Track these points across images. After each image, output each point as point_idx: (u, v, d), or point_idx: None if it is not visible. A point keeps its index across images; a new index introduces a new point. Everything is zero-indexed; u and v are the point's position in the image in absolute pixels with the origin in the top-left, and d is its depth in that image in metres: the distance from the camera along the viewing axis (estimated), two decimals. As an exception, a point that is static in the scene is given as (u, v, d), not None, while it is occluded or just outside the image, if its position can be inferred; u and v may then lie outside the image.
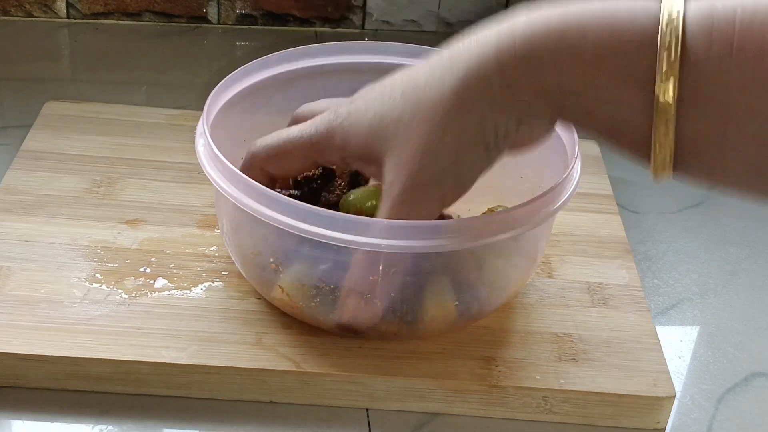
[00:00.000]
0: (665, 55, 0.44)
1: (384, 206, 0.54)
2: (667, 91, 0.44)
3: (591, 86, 0.47)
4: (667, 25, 0.44)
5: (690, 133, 0.45)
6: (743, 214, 0.81)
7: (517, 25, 0.49)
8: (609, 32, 0.46)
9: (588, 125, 0.49)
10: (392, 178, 0.53)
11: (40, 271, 0.65)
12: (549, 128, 0.52)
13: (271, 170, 0.60)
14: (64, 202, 0.72)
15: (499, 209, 0.64)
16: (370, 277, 0.57)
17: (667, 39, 0.44)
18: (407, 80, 0.53)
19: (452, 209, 0.60)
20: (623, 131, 0.47)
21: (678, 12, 0.44)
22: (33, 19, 0.99)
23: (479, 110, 0.50)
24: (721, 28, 0.43)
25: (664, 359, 0.63)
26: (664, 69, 0.44)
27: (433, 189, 0.53)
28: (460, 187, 0.53)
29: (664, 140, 0.45)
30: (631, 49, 0.45)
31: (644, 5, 0.46)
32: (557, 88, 0.48)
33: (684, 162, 0.46)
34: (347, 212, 0.59)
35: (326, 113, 0.57)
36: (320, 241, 0.55)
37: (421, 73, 0.52)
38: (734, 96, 0.43)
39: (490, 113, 0.50)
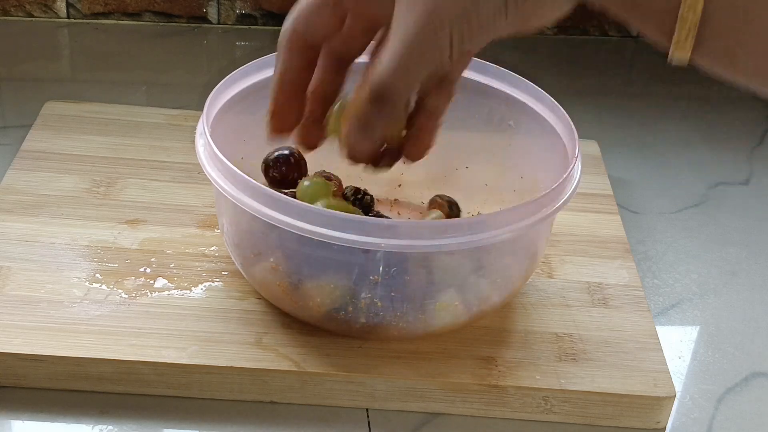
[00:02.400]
0: None
1: (393, 45, 0.49)
2: None
3: None
4: None
5: (715, 7, 0.43)
6: (743, 214, 0.81)
7: None
8: None
9: None
10: (403, 14, 0.48)
11: (41, 271, 0.65)
12: (568, 2, 0.48)
13: (302, 33, 0.54)
14: (64, 202, 0.72)
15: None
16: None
17: None
18: None
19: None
20: (647, 3, 0.44)
21: None
22: (33, 19, 0.99)
23: None
24: None
25: (664, 359, 0.63)
26: None
27: (445, 31, 0.47)
28: (468, 41, 0.48)
29: (690, 11, 0.43)
30: None
31: None
32: None
33: (705, 41, 0.44)
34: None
35: None
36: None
37: None
38: None
39: None
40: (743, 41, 0.43)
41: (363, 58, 0.56)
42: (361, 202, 0.66)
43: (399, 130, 0.55)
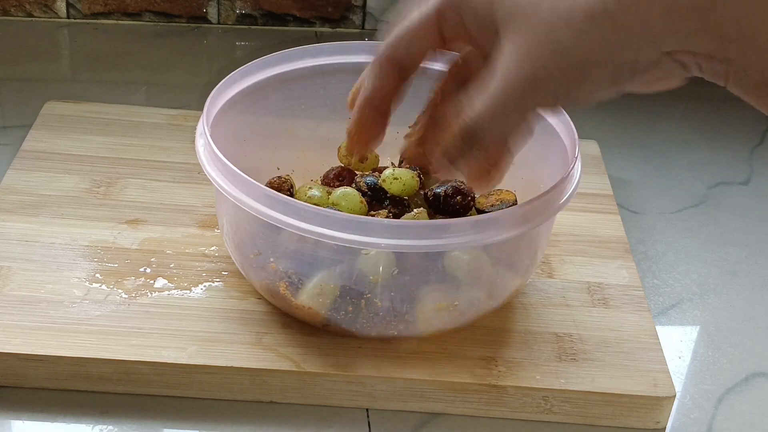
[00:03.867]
0: None
1: (494, 89, 0.47)
2: None
3: (751, 26, 0.41)
4: None
5: None
6: (743, 214, 0.81)
7: None
8: None
9: (740, 75, 0.43)
10: (508, 60, 0.46)
11: (41, 271, 0.65)
12: (685, 74, 0.46)
13: (401, 54, 0.53)
14: (64, 202, 0.72)
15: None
16: None
17: None
18: None
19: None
20: None
21: None
22: (33, 19, 0.99)
23: (630, 28, 0.43)
24: None
25: (665, 359, 0.63)
26: None
27: (549, 90, 0.45)
28: (569, 103, 0.47)
29: None
30: None
31: None
32: (725, 21, 0.41)
33: None
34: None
35: None
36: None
37: None
38: None
39: (636, 37, 0.43)
40: None
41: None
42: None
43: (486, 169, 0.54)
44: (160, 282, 0.65)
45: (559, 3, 0.44)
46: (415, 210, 0.62)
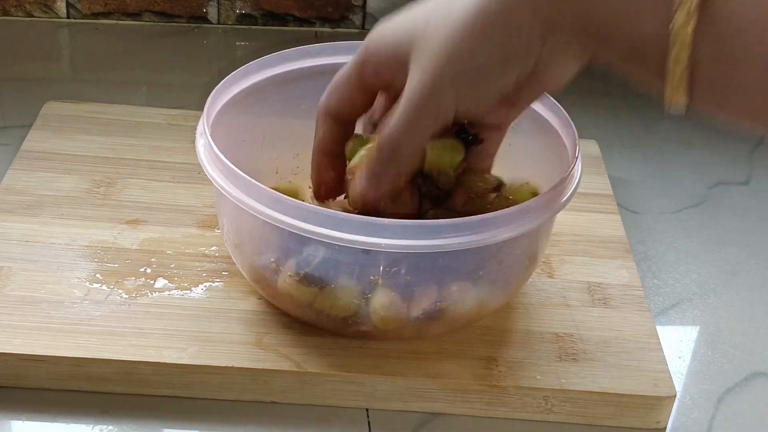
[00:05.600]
0: None
1: (402, 104, 0.53)
2: (682, 16, 0.44)
3: (614, 9, 0.47)
4: None
5: (705, 57, 0.45)
6: (743, 214, 0.81)
7: None
8: None
9: (610, 50, 0.49)
10: (411, 76, 0.53)
11: (41, 272, 0.65)
12: (572, 62, 0.51)
13: (335, 110, 0.60)
14: (64, 203, 0.72)
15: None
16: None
17: None
18: None
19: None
20: (642, 56, 0.47)
21: None
22: (33, 19, 0.99)
23: (500, 19, 0.49)
24: None
25: (665, 359, 0.63)
26: None
27: (448, 89, 0.52)
28: (474, 94, 0.52)
29: (678, 64, 0.45)
30: None
31: None
32: (582, 5, 0.48)
33: (698, 87, 0.46)
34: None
35: None
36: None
37: None
38: (748, 18, 0.43)
39: (512, 23, 0.49)
40: (736, 85, 0.45)
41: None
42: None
43: (404, 182, 0.58)
44: (161, 282, 0.65)
45: (447, 25, 0.51)
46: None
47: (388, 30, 0.55)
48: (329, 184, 0.62)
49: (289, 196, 0.57)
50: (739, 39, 0.44)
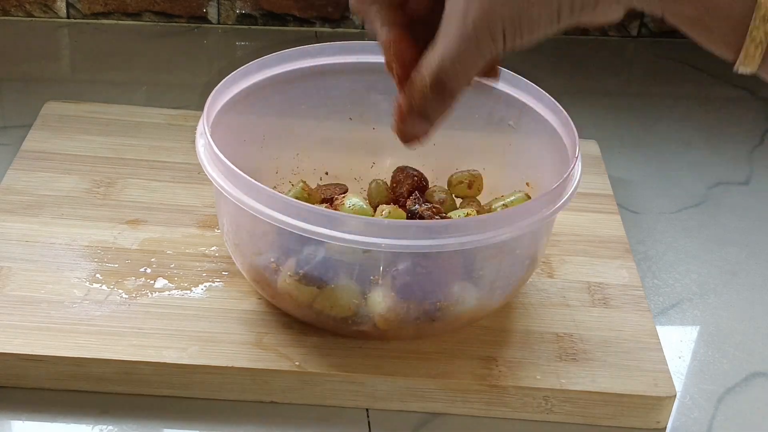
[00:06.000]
0: None
1: (449, 38, 0.50)
2: None
3: None
4: None
5: None
6: (743, 214, 0.81)
7: None
8: None
9: (679, 6, 0.47)
10: (461, 5, 0.50)
11: (41, 272, 0.65)
12: (624, 9, 0.49)
13: None
14: (64, 203, 0.72)
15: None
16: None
17: None
18: None
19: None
20: (717, 18, 0.46)
21: None
22: (33, 19, 0.99)
23: None
24: None
25: (665, 359, 0.63)
26: None
27: (499, 25, 0.49)
28: (522, 37, 0.50)
29: (760, 30, 0.45)
30: None
31: None
32: None
33: None
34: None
35: None
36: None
37: None
38: None
39: None
40: None
41: None
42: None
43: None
44: (161, 282, 0.65)
45: None
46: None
47: None
48: (407, 61, 0.55)
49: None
50: None
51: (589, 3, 0.48)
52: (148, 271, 0.66)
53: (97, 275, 0.66)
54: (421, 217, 0.63)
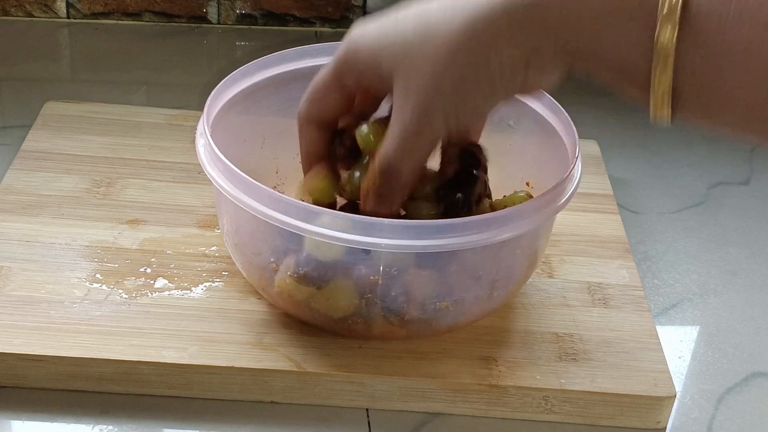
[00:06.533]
0: None
1: (395, 131, 0.55)
2: (666, 32, 0.45)
3: (596, 26, 0.48)
4: None
5: (688, 73, 0.46)
6: (743, 214, 0.81)
7: None
8: None
9: (593, 68, 0.50)
10: (401, 102, 0.54)
11: (41, 272, 0.65)
12: (557, 74, 0.53)
13: (316, 115, 0.60)
14: (64, 203, 0.72)
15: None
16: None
17: None
18: (418, 16, 0.54)
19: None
20: (627, 74, 0.48)
21: None
22: (33, 19, 0.99)
23: (485, 50, 0.51)
24: None
25: (665, 359, 0.63)
26: (665, 11, 0.45)
27: (439, 115, 0.54)
28: (464, 121, 0.54)
29: (662, 78, 0.46)
30: None
31: None
32: (564, 28, 0.49)
33: (683, 102, 0.47)
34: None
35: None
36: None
37: (433, 10, 0.53)
38: (733, 36, 0.44)
39: (496, 54, 0.51)
40: (716, 97, 0.46)
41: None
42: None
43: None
44: (161, 282, 0.65)
45: (426, 44, 0.52)
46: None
47: (367, 42, 0.56)
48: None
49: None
50: (722, 56, 0.45)
51: (519, 70, 0.51)
52: (148, 271, 0.66)
53: (97, 275, 0.66)
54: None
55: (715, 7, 0.45)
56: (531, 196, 0.64)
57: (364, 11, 1.00)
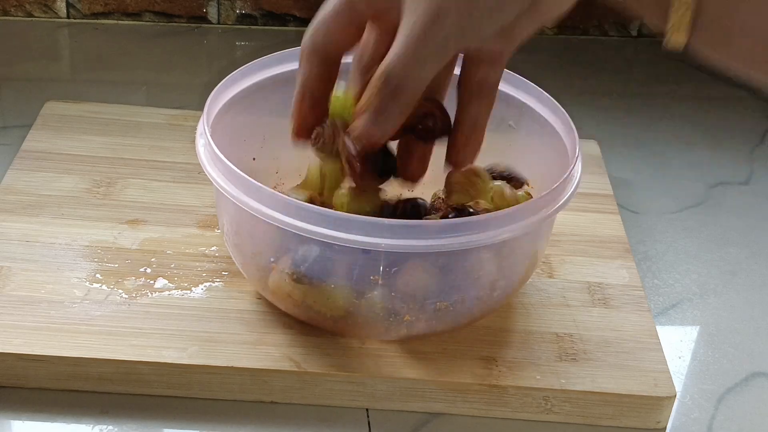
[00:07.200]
0: None
1: (404, 34, 0.51)
2: None
3: None
4: None
5: None
6: (743, 214, 0.81)
7: None
8: None
9: None
10: (412, 6, 0.51)
11: (41, 272, 0.65)
12: None
13: (322, 45, 0.57)
14: (64, 203, 0.72)
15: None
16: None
17: None
18: None
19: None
20: None
21: None
22: (33, 19, 0.99)
23: None
24: None
25: (665, 359, 0.63)
26: None
27: (451, 20, 0.50)
28: (476, 25, 0.51)
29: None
30: None
31: None
32: None
33: (700, 27, 0.45)
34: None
35: None
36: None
37: None
38: None
39: None
40: (737, 23, 0.44)
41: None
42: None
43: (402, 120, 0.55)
44: (161, 282, 0.65)
45: None
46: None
47: None
48: (310, 126, 0.59)
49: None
50: None
51: None
52: (148, 271, 0.66)
53: (97, 275, 0.66)
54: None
55: None
56: (531, 196, 0.64)
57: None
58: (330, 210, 0.56)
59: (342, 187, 0.61)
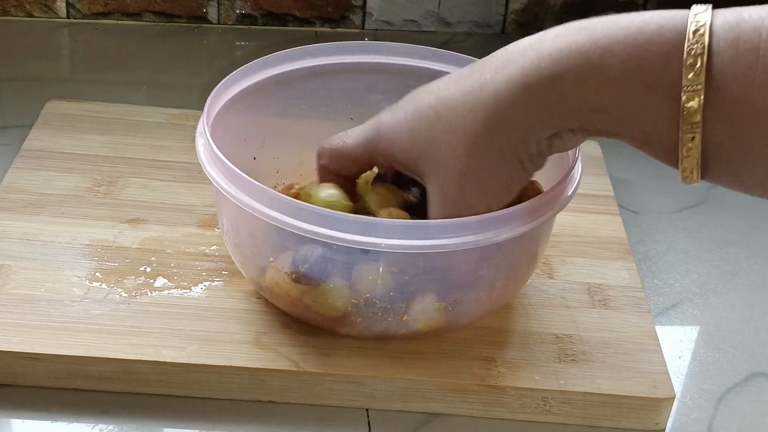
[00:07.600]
0: (691, 65, 0.45)
1: (435, 216, 0.57)
2: (693, 101, 0.45)
3: (618, 101, 0.48)
4: (693, 35, 0.45)
5: (716, 140, 0.46)
6: (743, 214, 0.81)
7: (543, 46, 0.50)
8: (635, 46, 0.47)
9: (618, 136, 0.50)
10: (436, 198, 0.56)
11: (41, 270, 0.65)
12: (582, 139, 0.54)
13: (336, 171, 0.62)
14: (65, 202, 0.72)
15: None
16: None
17: (694, 50, 0.45)
18: (441, 101, 0.55)
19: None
20: (652, 140, 0.49)
21: (705, 23, 0.45)
22: (33, 19, 0.99)
23: (508, 136, 0.52)
24: (748, 38, 0.44)
25: (664, 361, 0.63)
26: (690, 79, 0.45)
27: (476, 206, 0.55)
28: (502, 201, 0.56)
29: (691, 148, 0.47)
30: (657, 62, 0.46)
31: (671, 16, 0.47)
32: (584, 107, 0.49)
33: (711, 168, 0.47)
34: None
35: (370, 121, 0.59)
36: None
37: (453, 95, 0.54)
38: (759, 103, 0.44)
39: (520, 137, 0.52)
40: (749, 166, 0.47)
41: None
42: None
43: None
44: (160, 281, 0.66)
45: (458, 151, 0.54)
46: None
47: (399, 139, 0.57)
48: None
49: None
50: (750, 122, 0.45)
51: (543, 143, 0.52)
52: (148, 270, 0.66)
53: (97, 274, 0.66)
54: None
55: (740, 72, 0.44)
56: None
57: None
58: (330, 210, 0.56)
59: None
